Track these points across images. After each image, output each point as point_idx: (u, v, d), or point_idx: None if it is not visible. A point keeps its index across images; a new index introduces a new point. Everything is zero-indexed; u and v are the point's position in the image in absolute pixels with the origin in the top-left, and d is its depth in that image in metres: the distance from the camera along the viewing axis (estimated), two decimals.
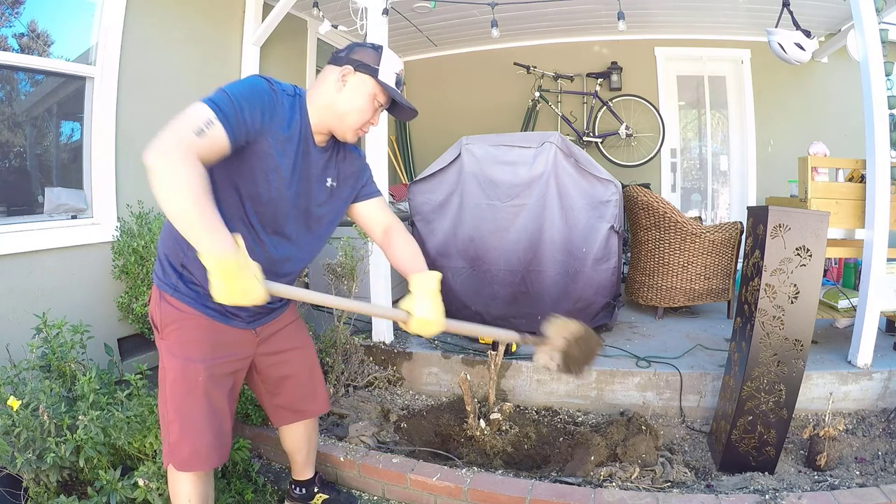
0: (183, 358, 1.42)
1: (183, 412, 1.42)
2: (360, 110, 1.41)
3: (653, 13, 4.47)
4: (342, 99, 1.39)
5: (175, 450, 1.43)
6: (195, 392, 1.42)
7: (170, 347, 1.44)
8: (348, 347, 2.83)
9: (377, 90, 1.41)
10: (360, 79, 1.39)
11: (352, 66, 1.38)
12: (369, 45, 1.43)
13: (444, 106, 5.69)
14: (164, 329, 1.44)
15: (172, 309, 1.42)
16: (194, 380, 1.42)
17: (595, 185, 2.98)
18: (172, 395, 1.43)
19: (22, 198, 2.52)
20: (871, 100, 2.38)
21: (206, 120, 1.19)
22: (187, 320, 1.42)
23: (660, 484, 1.98)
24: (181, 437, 1.42)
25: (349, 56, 1.40)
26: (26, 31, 2.45)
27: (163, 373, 1.46)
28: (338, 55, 1.43)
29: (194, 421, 1.42)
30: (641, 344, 2.99)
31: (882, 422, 2.39)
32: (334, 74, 1.39)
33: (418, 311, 1.46)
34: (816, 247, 1.93)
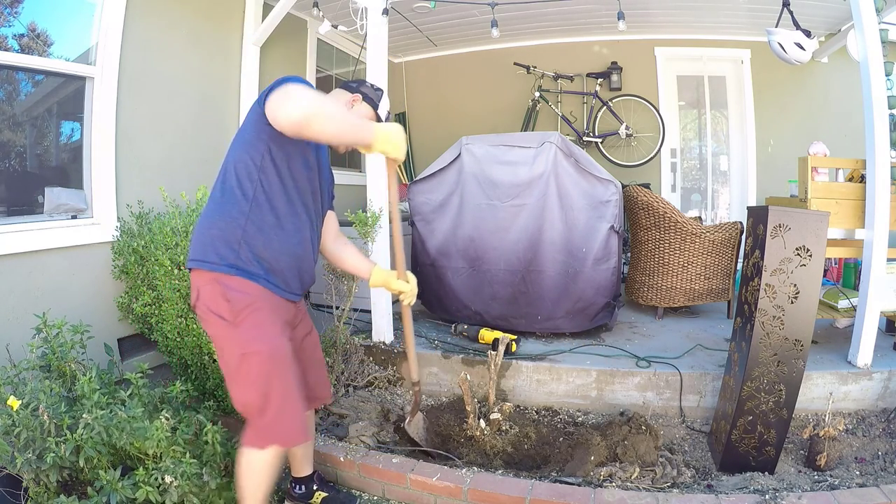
0: (267, 339, 1.48)
1: (277, 390, 1.49)
2: None
3: (653, 13, 4.47)
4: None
5: (273, 429, 1.50)
6: (284, 367, 1.50)
7: (249, 331, 1.47)
8: (348, 347, 2.83)
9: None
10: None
11: (361, 96, 1.75)
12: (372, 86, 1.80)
13: (444, 106, 5.69)
14: (239, 315, 1.46)
15: (240, 293, 1.47)
16: (281, 356, 1.50)
17: (595, 185, 2.98)
18: (262, 377, 1.47)
19: (22, 198, 2.52)
20: (871, 100, 2.38)
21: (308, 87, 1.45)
22: (259, 301, 1.49)
23: (660, 484, 1.98)
24: (280, 414, 1.49)
25: (360, 88, 1.77)
26: (26, 31, 2.45)
27: (242, 360, 1.48)
28: (349, 84, 1.79)
29: (291, 395, 1.51)
30: (641, 344, 2.99)
31: (882, 422, 2.39)
32: (345, 98, 1.74)
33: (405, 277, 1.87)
34: (816, 247, 1.93)
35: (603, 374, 2.62)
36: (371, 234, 2.65)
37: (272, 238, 1.51)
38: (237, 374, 1.50)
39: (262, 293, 1.50)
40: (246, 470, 1.55)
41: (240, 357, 1.48)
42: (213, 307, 1.48)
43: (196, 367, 2.32)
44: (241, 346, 1.48)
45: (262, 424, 1.50)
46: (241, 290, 1.47)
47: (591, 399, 2.65)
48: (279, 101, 1.39)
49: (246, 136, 1.52)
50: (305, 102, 1.36)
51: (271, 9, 3.52)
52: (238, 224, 1.48)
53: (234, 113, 3.62)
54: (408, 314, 1.96)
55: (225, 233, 1.48)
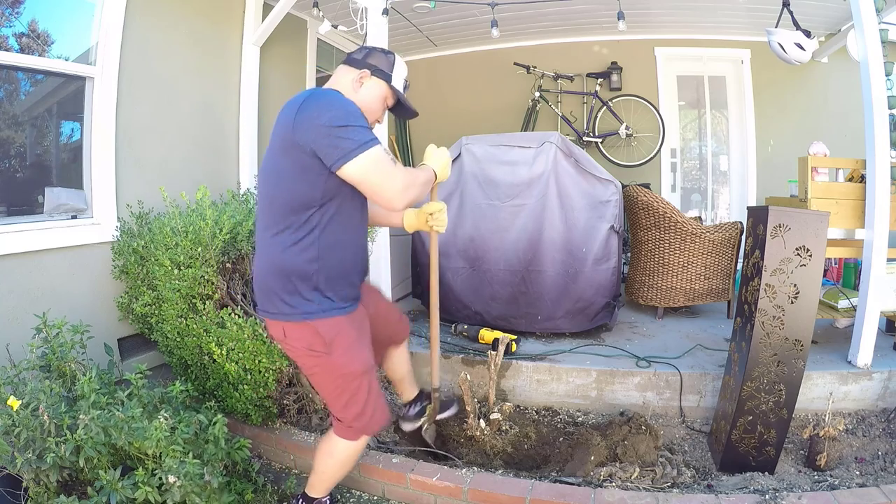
0: (358, 358, 1.59)
1: (373, 393, 1.65)
2: (372, 110, 1.56)
3: (653, 13, 4.47)
4: (358, 99, 1.50)
5: (369, 425, 1.67)
6: (372, 374, 1.66)
7: (343, 356, 1.56)
8: None
9: (388, 93, 1.59)
10: (374, 82, 1.56)
11: (369, 71, 1.55)
12: (381, 51, 1.60)
13: (444, 106, 5.68)
14: (332, 344, 1.54)
15: (329, 326, 1.54)
16: (370, 367, 1.64)
17: (595, 185, 2.98)
18: (362, 389, 1.62)
19: (22, 198, 2.52)
20: (871, 100, 2.38)
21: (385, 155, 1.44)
22: (344, 327, 1.57)
23: (660, 484, 1.98)
24: (375, 410, 1.66)
25: (366, 60, 1.56)
26: (26, 30, 2.45)
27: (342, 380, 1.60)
28: (354, 58, 1.57)
29: (379, 396, 1.69)
30: (641, 344, 2.98)
31: (882, 422, 2.39)
32: (351, 76, 1.55)
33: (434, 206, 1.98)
34: (816, 247, 1.93)
35: (603, 374, 2.62)
36: (371, 233, 2.65)
37: (343, 261, 1.56)
38: (338, 392, 1.62)
39: (343, 319, 1.58)
40: (336, 456, 1.70)
41: (339, 377, 1.60)
42: (306, 344, 1.55)
43: (196, 367, 2.32)
44: (338, 369, 1.58)
45: (359, 425, 1.65)
46: (330, 324, 1.54)
47: (591, 399, 2.65)
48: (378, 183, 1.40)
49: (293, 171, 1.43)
50: (405, 193, 1.43)
51: (271, 9, 3.52)
52: (311, 268, 1.49)
53: (233, 113, 3.62)
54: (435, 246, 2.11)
55: (300, 282, 1.50)
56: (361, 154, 1.35)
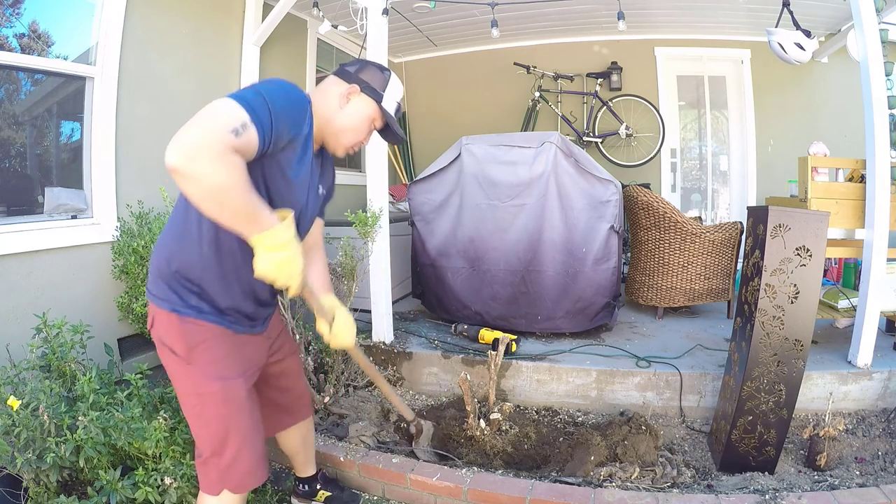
0: (222, 378, 1.35)
1: (234, 432, 1.37)
2: (356, 130, 1.43)
3: (653, 13, 4.47)
4: (343, 116, 1.41)
5: (230, 473, 1.39)
6: (241, 408, 1.38)
7: (203, 370, 1.35)
8: None
9: (377, 115, 1.44)
10: (363, 100, 1.42)
11: (359, 87, 1.41)
12: (377, 67, 1.46)
13: (444, 106, 5.69)
14: (193, 351, 1.34)
15: (197, 328, 1.34)
16: (237, 396, 1.37)
17: (595, 185, 2.98)
18: (219, 418, 1.36)
19: (22, 198, 2.52)
20: (871, 100, 2.38)
21: (241, 121, 1.09)
22: (215, 338, 1.36)
23: (660, 484, 1.98)
24: (236, 457, 1.38)
25: (358, 75, 1.42)
26: (26, 30, 2.45)
27: (197, 400, 1.36)
28: (346, 70, 1.44)
29: (247, 438, 1.40)
30: (641, 344, 2.99)
31: (882, 422, 2.39)
32: (339, 89, 1.41)
33: (339, 318, 1.54)
34: (816, 247, 1.93)
35: (603, 374, 2.62)
36: (371, 233, 2.65)
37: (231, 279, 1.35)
38: (193, 414, 1.38)
39: (219, 330, 1.37)
40: None
41: (195, 395, 1.37)
42: (167, 339, 1.35)
43: None
44: (195, 385, 1.35)
45: (217, 468, 1.39)
46: (196, 325, 1.34)
47: (591, 399, 2.65)
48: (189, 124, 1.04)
49: None
50: (197, 147, 1.00)
51: (271, 9, 3.52)
52: (196, 267, 1.32)
53: None
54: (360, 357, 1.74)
55: (184, 272, 1.33)
56: (219, 99, 1.11)
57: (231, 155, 1.05)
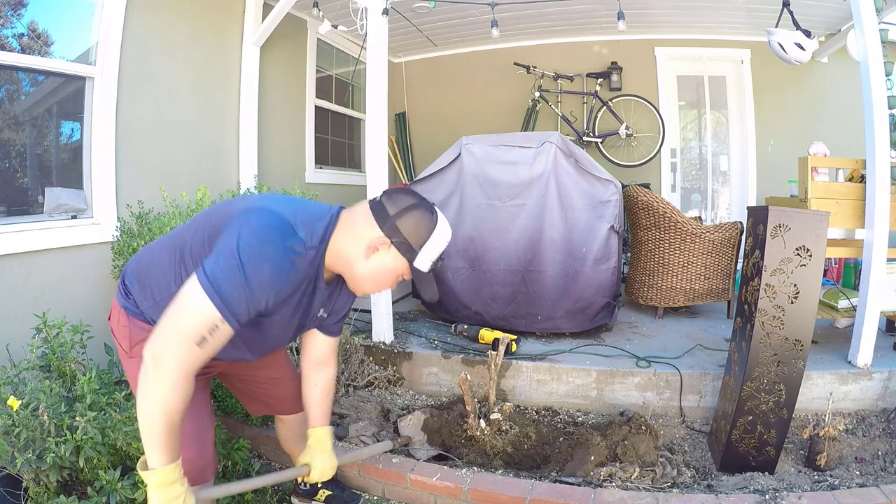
0: None
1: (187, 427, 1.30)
2: (378, 283, 1.32)
3: (653, 13, 4.47)
4: (366, 268, 1.28)
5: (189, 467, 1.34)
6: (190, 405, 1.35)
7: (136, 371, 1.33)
8: (348, 347, 2.83)
9: (405, 271, 1.30)
10: (392, 255, 1.26)
11: (391, 241, 1.24)
12: (426, 210, 1.27)
13: (444, 106, 5.69)
14: (134, 347, 1.35)
15: (140, 329, 1.34)
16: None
17: (595, 184, 2.98)
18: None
19: (22, 198, 2.52)
20: (871, 100, 2.38)
21: (210, 326, 1.11)
22: None
23: (660, 484, 1.98)
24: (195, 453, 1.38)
25: (395, 223, 1.24)
26: (26, 31, 2.45)
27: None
28: (385, 210, 1.25)
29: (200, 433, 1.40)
30: (641, 344, 2.99)
31: (882, 422, 2.39)
32: (370, 236, 1.25)
33: (318, 462, 1.56)
34: (816, 247, 1.93)
35: (603, 374, 2.62)
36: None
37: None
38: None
39: None
40: None
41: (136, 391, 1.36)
42: (116, 331, 1.40)
43: None
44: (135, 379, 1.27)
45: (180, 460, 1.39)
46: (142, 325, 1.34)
47: (591, 399, 2.65)
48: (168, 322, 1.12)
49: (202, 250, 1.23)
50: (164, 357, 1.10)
51: (271, 9, 3.52)
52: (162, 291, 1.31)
53: (233, 113, 3.62)
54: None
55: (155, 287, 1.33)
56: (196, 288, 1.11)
57: (185, 384, 1.12)
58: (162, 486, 1.15)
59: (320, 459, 1.56)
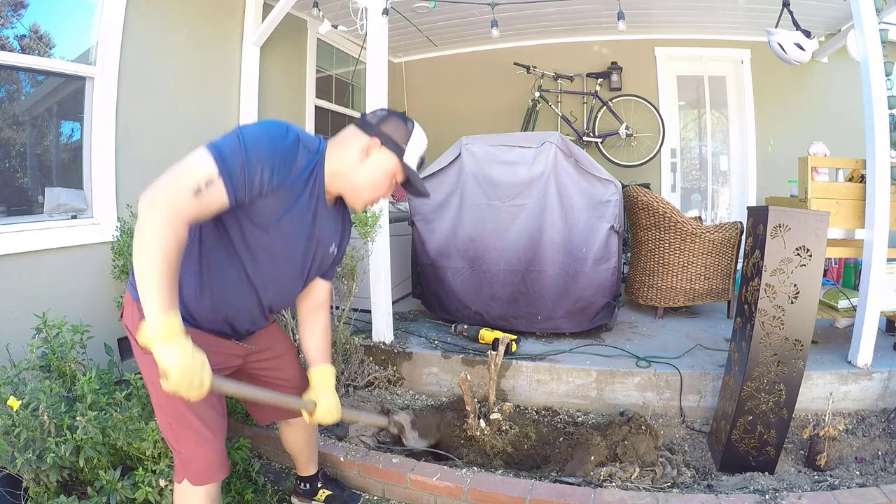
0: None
1: (187, 425, 1.37)
2: (376, 186, 1.39)
3: (653, 13, 4.47)
4: (362, 171, 1.36)
5: (189, 464, 1.39)
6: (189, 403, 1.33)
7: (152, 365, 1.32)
8: (348, 347, 2.83)
9: (398, 170, 1.38)
10: (384, 155, 1.36)
11: (379, 140, 1.35)
12: (400, 118, 1.40)
13: (444, 106, 5.69)
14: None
15: None
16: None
17: (595, 184, 2.98)
18: (172, 410, 1.36)
19: (22, 198, 2.52)
20: (871, 100, 2.38)
21: (206, 178, 1.14)
22: None
23: (660, 484, 1.98)
24: (194, 449, 1.39)
25: (379, 127, 1.36)
26: (27, 31, 2.45)
27: (155, 389, 1.35)
28: (367, 121, 1.39)
29: (201, 432, 1.39)
30: (641, 344, 2.98)
31: (882, 422, 2.39)
32: (360, 143, 1.36)
33: (322, 400, 1.57)
34: (816, 247, 1.93)
35: (603, 374, 2.62)
36: (371, 233, 2.65)
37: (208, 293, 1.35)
38: (157, 401, 1.39)
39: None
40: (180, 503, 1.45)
41: (150, 385, 1.37)
42: (130, 326, 1.38)
43: None
44: (149, 374, 1.35)
45: (181, 456, 1.40)
46: None
47: (591, 399, 2.65)
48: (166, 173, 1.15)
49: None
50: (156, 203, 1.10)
51: (271, 9, 3.52)
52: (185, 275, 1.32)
53: (233, 113, 3.62)
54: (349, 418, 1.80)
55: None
56: (199, 149, 1.17)
57: (179, 225, 1.12)
58: (167, 337, 1.10)
59: (325, 397, 1.57)
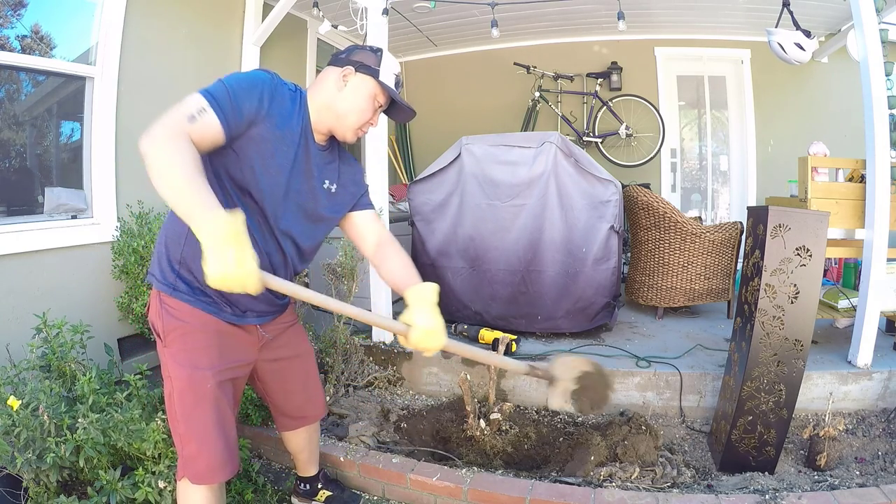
0: (190, 366, 1.37)
1: (194, 423, 1.38)
2: (360, 110, 1.42)
3: (653, 13, 4.47)
4: (343, 98, 1.40)
5: (190, 463, 1.40)
6: (205, 401, 1.37)
7: (174, 355, 1.38)
8: (348, 347, 2.83)
9: (377, 90, 1.42)
10: (360, 79, 1.40)
11: (353, 67, 1.40)
12: (368, 48, 1.44)
13: (444, 106, 5.69)
14: (168, 336, 1.38)
15: (173, 314, 1.37)
16: (203, 388, 1.37)
17: (595, 184, 2.98)
18: (181, 406, 1.38)
19: (22, 198, 2.52)
20: (871, 100, 2.38)
21: (198, 107, 1.20)
22: (191, 325, 1.37)
23: (660, 484, 1.98)
24: (197, 449, 1.39)
25: (349, 57, 1.42)
26: (27, 31, 2.45)
27: (169, 383, 1.39)
28: (338, 56, 1.44)
29: (207, 432, 1.38)
30: (641, 344, 2.98)
31: (882, 422, 2.39)
32: (335, 74, 1.41)
33: (419, 320, 1.35)
34: (816, 247, 1.93)
35: None
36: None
37: None
38: (168, 397, 1.41)
39: (198, 316, 1.38)
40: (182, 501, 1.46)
41: (167, 380, 1.40)
42: (153, 323, 1.42)
43: None
44: (165, 368, 1.40)
45: (182, 455, 1.41)
46: (175, 308, 1.37)
47: None
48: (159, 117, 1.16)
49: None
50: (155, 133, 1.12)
51: (271, 9, 3.52)
52: (179, 240, 1.36)
53: None
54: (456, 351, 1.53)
55: (168, 250, 1.39)
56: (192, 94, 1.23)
57: (181, 138, 1.14)
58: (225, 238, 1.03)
59: (425, 317, 1.35)
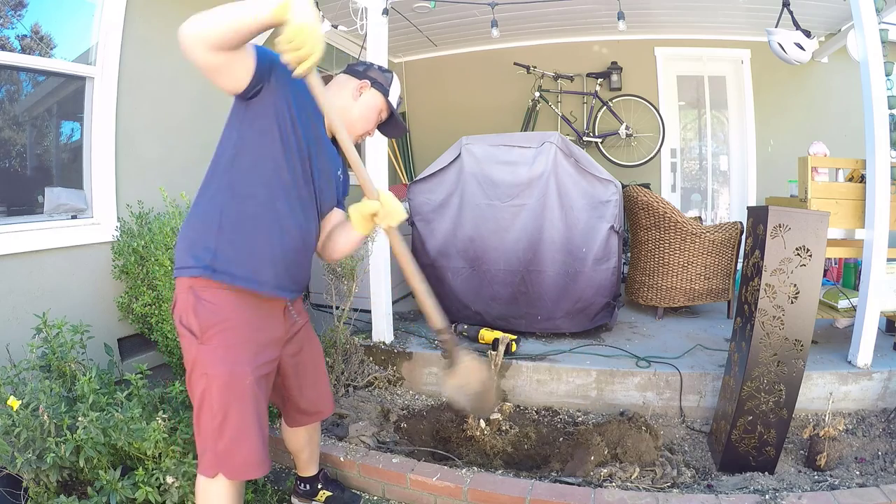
0: (230, 363, 1.39)
1: (233, 419, 1.40)
2: (367, 120, 1.60)
3: (653, 13, 4.47)
4: (357, 107, 1.57)
5: (225, 459, 1.41)
6: (245, 397, 1.40)
7: (214, 352, 1.38)
8: (348, 347, 2.83)
9: (383, 106, 1.62)
10: (373, 94, 1.59)
11: (369, 82, 1.58)
12: (380, 68, 1.64)
13: (444, 106, 5.69)
14: (206, 332, 1.38)
15: (211, 306, 1.37)
16: (242, 384, 1.40)
17: (595, 184, 2.98)
18: (221, 403, 1.39)
19: (22, 198, 2.52)
20: (871, 100, 2.38)
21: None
22: (231, 320, 1.39)
23: (660, 484, 1.98)
24: (233, 444, 1.40)
25: (367, 73, 1.60)
26: (27, 31, 2.45)
27: (204, 380, 1.39)
28: (355, 69, 1.62)
29: (246, 427, 1.41)
30: (641, 344, 2.99)
31: (882, 422, 2.39)
32: (353, 84, 1.58)
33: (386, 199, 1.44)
34: (816, 247, 1.93)
35: (603, 374, 2.62)
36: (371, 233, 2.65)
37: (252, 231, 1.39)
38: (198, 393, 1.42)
39: (237, 308, 1.40)
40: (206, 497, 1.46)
41: (201, 377, 1.40)
42: (185, 320, 1.40)
43: None
44: (203, 365, 1.39)
45: (215, 451, 1.41)
46: (213, 303, 1.37)
47: (591, 399, 2.65)
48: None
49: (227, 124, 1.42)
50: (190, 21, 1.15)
51: None
52: (214, 220, 1.37)
53: None
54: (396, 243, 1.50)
55: (201, 233, 1.39)
56: None
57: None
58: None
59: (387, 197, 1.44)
